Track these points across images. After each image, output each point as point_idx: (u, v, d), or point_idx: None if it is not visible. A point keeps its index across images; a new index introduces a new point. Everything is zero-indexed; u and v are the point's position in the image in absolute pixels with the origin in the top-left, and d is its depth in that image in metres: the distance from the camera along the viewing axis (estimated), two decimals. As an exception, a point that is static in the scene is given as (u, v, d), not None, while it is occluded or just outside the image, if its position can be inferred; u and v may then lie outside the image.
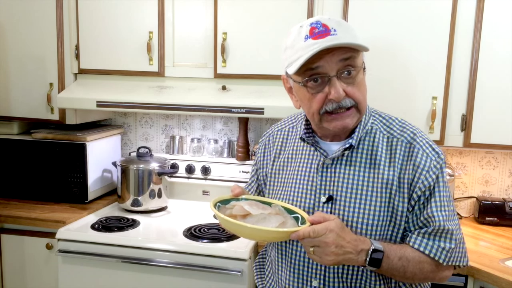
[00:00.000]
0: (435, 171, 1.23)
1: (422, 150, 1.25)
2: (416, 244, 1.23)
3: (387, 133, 1.29)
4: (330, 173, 1.29)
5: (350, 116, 1.22)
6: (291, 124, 1.45)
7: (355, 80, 1.20)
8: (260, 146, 1.50)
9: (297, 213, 1.24)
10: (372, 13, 2.07)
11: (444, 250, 1.23)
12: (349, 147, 1.26)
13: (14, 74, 2.45)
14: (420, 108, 2.08)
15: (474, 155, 2.41)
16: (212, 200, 1.24)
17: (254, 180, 1.53)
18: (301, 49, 1.17)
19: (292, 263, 1.32)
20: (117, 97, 2.27)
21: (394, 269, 1.21)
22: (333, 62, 1.17)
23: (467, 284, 1.83)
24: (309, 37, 1.17)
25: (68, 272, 2.05)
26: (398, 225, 1.25)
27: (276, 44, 2.16)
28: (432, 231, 1.23)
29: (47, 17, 2.35)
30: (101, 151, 2.53)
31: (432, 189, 1.24)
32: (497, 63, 2.02)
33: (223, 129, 2.67)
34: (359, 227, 1.24)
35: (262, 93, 2.16)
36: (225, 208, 1.24)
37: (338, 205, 1.26)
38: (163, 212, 2.43)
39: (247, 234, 1.20)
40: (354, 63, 1.19)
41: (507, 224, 2.23)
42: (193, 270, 1.91)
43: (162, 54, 2.31)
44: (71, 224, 2.16)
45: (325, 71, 1.18)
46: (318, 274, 1.28)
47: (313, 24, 1.18)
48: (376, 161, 1.26)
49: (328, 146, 1.32)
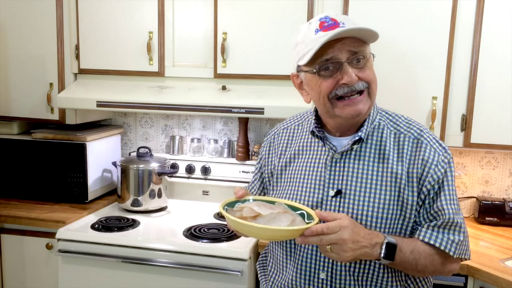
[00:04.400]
0: (444, 165, 1.26)
1: (430, 145, 1.27)
2: (426, 237, 1.25)
3: (394, 129, 1.31)
4: (339, 167, 1.30)
5: (362, 102, 1.24)
6: (297, 122, 1.47)
7: (365, 66, 1.23)
8: (264, 145, 1.51)
9: (302, 210, 1.25)
10: (372, 13, 2.08)
11: (453, 243, 1.25)
12: (358, 140, 1.28)
13: (14, 74, 2.45)
14: (420, 108, 2.08)
15: (474, 155, 2.41)
16: (220, 204, 1.26)
17: (257, 179, 1.53)
18: (312, 41, 1.20)
19: (299, 256, 1.33)
20: (117, 97, 2.27)
21: (407, 262, 1.22)
22: (343, 50, 1.20)
23: (467, 284, 1.83)
24: (319, 30, 1.20)
25: (68, 272, 2.05)
26: (408, 218, 1.26)
27: (276, 44, 2.16)
28: (441, 224, 1.25)
29: (47, 17, 2.35)
30: (101, 151, 2.53)
31: (441, 183, 1.26)
32: (497, 63, 2.02)
33: (223, 129, 2.67)
34: (369, 220, 1.25)
35: (262, 93, 2.16)
36: (233, 211, 1.25)
37: (348, 199, 1.27)
38: (163, 212, 2.43)
39: (260, 234, 1.23)
40: (363, 54, 1.22)
41: (507, 224, 2.23)
42: (193, 270, 1.91)
43: (162, 54, 2.31)
44: (71, 224, 2.16)
45: (337, 58, 1.21)
46: (326, 266, 1.29)
47: (322, 19, 1.22)
48: (385, 155, 1.28)
49: (337, 141, 1.33)
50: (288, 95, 2.10)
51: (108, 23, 2.34)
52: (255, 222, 1.18)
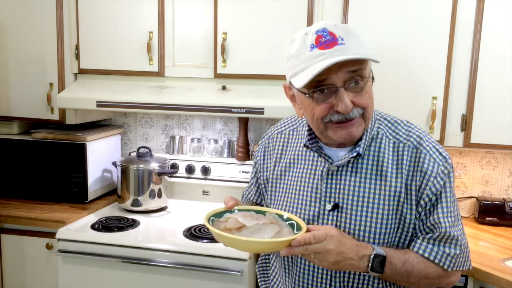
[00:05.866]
0: (443, 177, 1.22)
1: (429, 155, 1.22)
2: (421, 250, 1.22)
3: (393, 138, 1.26)
4: (335, 180, 1.26)
5: (355, 125, 1.18)
6: (291, 126, 1.41)
7: (363, 89, 1.16)
8: (259, 149, 1.46)
9: (292, 220, 1.22)
10: (372, 14, 2.08)
11: (449, 256, 1.22)
12: (356, 155, 1.23)
13: (14, 74, 2.45)
14: (420, 108, 2.08)
15: (474, 155, 2.41)
16: (205, 215, 1.21)
17: (254, 183, 1.50)
18: (307, 60, 1.12)
19: (297, 270, 1.31)
20: (117, 97, 2.27)
21: (398, 274, 1.19)
22: (340, 73, 1.12)
23: (467, 284, 1.83)
24: (315, 47, 1.11)
25: (68, 272, 2.05)
26: (406, 232, 1.24)
27: (276, 44, 2.17)
28: (437, 237, 1.22)
29: (47, 17, 2.35)
30: (101, 151, 2.53)
31: (439, 195, 1.22)
32: (497, 63, 2.02)
33: (223, 129, 2.67)
34: (367, 235, 1.22)
35: (262, 93, 2.16)
36: (219, 222, 1.20)
37: (345, 213, 1.24)
38: (163, 212, 2.43)
39: (243, 247, 1.17)
40: (362, 74, 1.14)
41: (507, 224, 2.23)
42: (193, 270, 1.91)
43: (162, 54, 2.31)
44: (71, 224, 2.16)
45: (332, 82, 1.13)
46: (324, 282, 1.27)
47: (319, 32, 1.12)
48: (383, 170, 1.23)
49: (333, 152, 1.28)
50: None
51: (108, 23, 2.34)
52: (239, 233, 1.13)
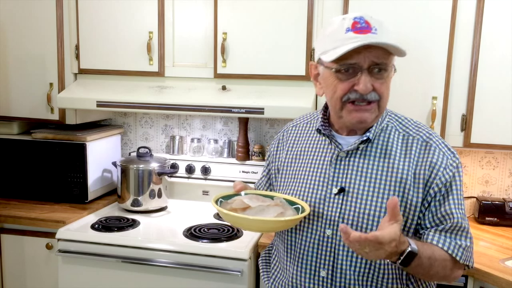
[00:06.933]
0: (452, 169, 1.26)
1: (439, 149, 1.28)
2: (435, 240, 1.24)
3: (403, 131, 1.32)
4: (343, 165, 1.31)
5: (369, 111, 1.25)
6: (306, 120, 1.48)
7: (383, 79, 1.23)
8: (274, 142, 1.53)
9: (298, 204, 1.30)
10: (372, 14, 2.07)
11: (461, 248, 1.24)
12: (366, 140, 1.28)
13: (14, 74, 2.45)
14: (420, 108, 2.08)
15: (474, 155, 2.41)
16: (214, 196, 1.34)
17: (265, 175, 1.56)
18: (341, 40, 1.20)
19: (300, 253, 1.33)
20: (117, 97, 2.27)
21: (421, 267, 1.20)
22: (368, 58, 1.20)
23: (467, 284, 1.83)
24: (351, 30, 1.20)
25: (68, 272, 2.05)
26: (410, 220, 1.26)
27: (276, 44, 2.16)
28: (449, 228, 1.24)
29: (47, 17, 2.35)
30: (101, 151, 2.53)
31: (449, 186, 1.25)
32: (497, 63, 2.02)
33: (223, 129, 2.67)
34: (371, 219, 1.24)
35: (262, 93, 2.16)
36: (227, 203, 1.32)
37: (351, 197, 1.27)
38: (163, 212, 2.43)
39: (247, 225, 1.27)
40: (386, 66, 1.22)
41: (507, 224, 2.23)
42: (193, 270, 1.92)
43: (162, 54, 2.31)
44: (71, 224, 2.16)
45: (359, 64, 1.21)
46: (327, 264, 1.29)
47: (356, 18, 1.22)
48: (391, 155, 1.28)
49: (344, 139, 1.34)
50: (288, 95, 2.10)
51: (108, 23, 2.34)
52: (244, 213, 1.24)
